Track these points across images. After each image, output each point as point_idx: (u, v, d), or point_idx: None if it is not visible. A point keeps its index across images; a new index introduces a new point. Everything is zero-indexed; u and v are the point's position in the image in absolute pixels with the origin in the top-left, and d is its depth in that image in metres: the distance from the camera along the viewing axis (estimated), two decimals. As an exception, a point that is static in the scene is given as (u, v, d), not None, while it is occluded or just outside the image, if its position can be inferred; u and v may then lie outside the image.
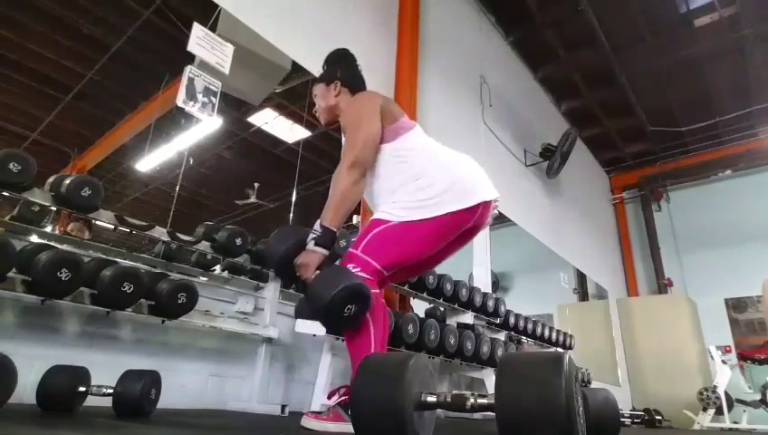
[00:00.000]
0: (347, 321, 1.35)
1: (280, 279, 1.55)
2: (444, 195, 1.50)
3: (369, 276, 1.43)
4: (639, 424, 5.44)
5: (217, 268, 2.83)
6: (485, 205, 1.58)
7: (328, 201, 1.49)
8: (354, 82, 1.80)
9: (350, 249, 1.49)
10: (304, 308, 2.30)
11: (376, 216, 1.54)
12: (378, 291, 1.47)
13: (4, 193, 1.79)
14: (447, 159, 1.64)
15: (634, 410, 5.94)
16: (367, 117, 1.59)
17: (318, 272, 1.39)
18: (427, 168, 1.57)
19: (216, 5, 2.76)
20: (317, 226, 1.47)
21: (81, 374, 1.53)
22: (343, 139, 1.67)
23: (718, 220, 7.72)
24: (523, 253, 6.49)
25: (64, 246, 2.08)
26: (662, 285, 7.81)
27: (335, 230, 1.46)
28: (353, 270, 1.42)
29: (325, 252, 1.43)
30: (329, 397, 1.56)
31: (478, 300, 3.45)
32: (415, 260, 1.55)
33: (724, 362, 5.47)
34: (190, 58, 2.60)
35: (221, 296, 2.51)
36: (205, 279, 2.65)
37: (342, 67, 1.82)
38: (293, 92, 4.10)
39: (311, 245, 1.44)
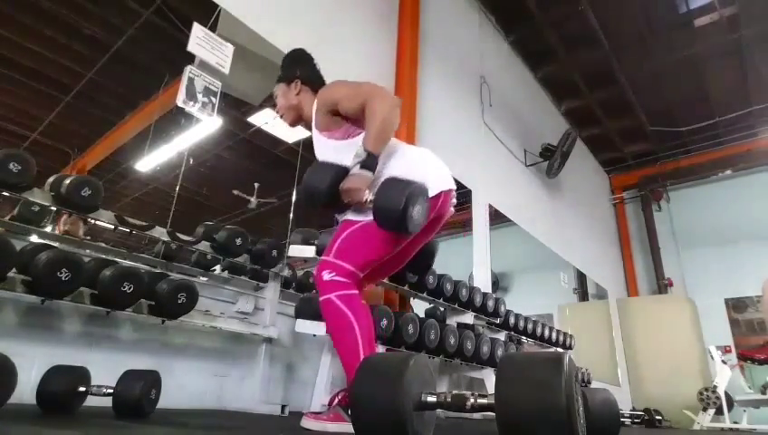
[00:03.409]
0: (416, 223, 1.42)
1: (321, 211, 1.57)
2: None
3: (344, 279, 1.46)
4: (639, 424, 5.44)
5: (217, 268, 2.83)
6: (446, 194, 1.63)
7: (369, 129, 1.52)
8: (314, 80, 1.83)
9: (323, 256, 1.53)
10: (305, 308, 2.30)
11: (344, 217, 1.59)
12: (356, 292, 1.49)
13: (4, 193, 1.79)
14: (409, 154, 1.68)
15: (634, 410, 5.94)
16: (365, 83, 1.62)
17: (368, 192, 1.45)
18: (387, 165, 1.60)
19: (216, 5, 2.77)
20: (360, 151, 1.51)
21: (81, 374, 1.53)
22: (318, 134, 1.70)
23: (718, 220, 7.72)
24: (523, 253, 6.48)
25: (64, 246, 2.08)
26: (662, 285, 7.82)
27: (378, 154, 1.50)
28: (328, 275, 1.46)
29: (371, 175, 1.48)
30: (328, 405, 1.57)
31: (478, 300, 3.45)
32: (387, 255, 1.59)
33: (724, 362, 5.47)
34: (190, 58, 2.61)
35: (221, 296, 2.51)
36: (205, 279, 2.65)
37: (301, 66, 1.85)
38: (293, 92, 4.10)
39: (356, 169, 1.48)
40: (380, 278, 2.19)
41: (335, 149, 1.65)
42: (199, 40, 2.61)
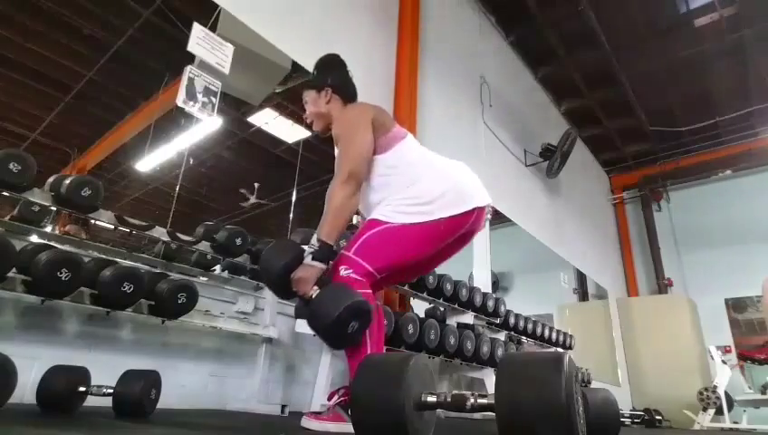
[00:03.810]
0: (350, 338, 1.36)
1: (276, 295, 1.51)
2: (439, 200, 1.50)
3: (360, 278, 1.43)
4: (639, 424, 5.44)
5: (217, 268, 2.83)
6: (479, 210, 1.59)
7: (324, 216, 1.48)
8: (346, 90, 1.78)
9: (343, 251, 1.49)
10: (305, 309, 2.31)
11: (371, 216, 1.55)
12: (370, 291, 1.47)
13: (4, 193, 1.79)
14: (441, 165, 1.64)
15: (634, 410, 5.94)
16: (359, 129, 1.58)
17: (317, 289, 1.38)
18: (421, 175, 1.57)
19: (216, 5, 2.76)
20: (314, 240, 1.46)
21: (81, 374, 1.53)
22: (336, 149, 1.66)
23: (718, 220, 7.72)
24: (523, 253, 6.49)
25: (64, 247, 2.08)
26: (662, 285, 7.81)
27: (332, 244, 1.45)
28: (345, 271, 1.42)
29: (323, 266, 1.42)
30: (329, 398, 1.56)
31: (478, 300, 3.45)
32: (407, 264, 1.55)
33: (724, 362, 5.47)
34: (190, 58, 2.60)
35: (221, 296, 2.51)
36: (205, 279, 2.65)
37: (333, 74, 1.80)
38: (293, 92, 4.10)
39: (308, 259, 1.42)
40: (396, 283, 2.17)
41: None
42: (199, 40, 2.61)
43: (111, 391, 1.52)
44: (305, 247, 1.48)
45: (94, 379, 1.56)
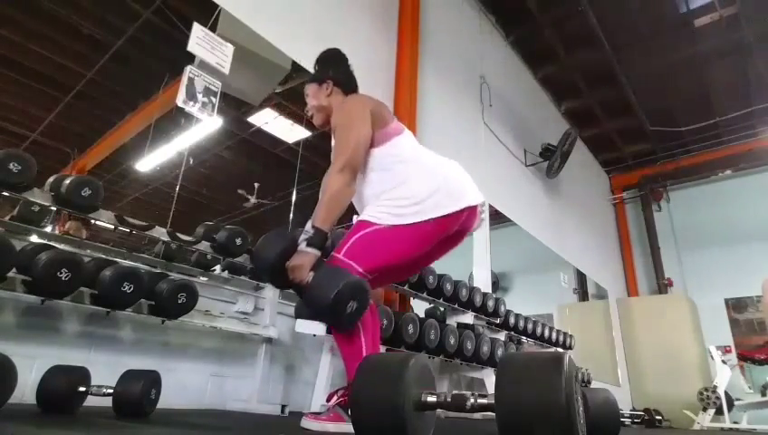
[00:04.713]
0: (349, 318, 1.35)
1: (272, 284, 1.50)
2: (429, 200, 1.50)
3: None
4: (639, 424, 5.44)
5: (217, 268, 2.83)
6: (471, 210, 1.58)
7: (319, 202, 1.48)
8: (347, 83, 1.79)
9: (333, 253, 1.49)
10: (304, 309, 2.30)
11: (361, 217, 1.54)
12: None
13: (4, 193, 1.79)
14: (434, 164, 1.64)
15: (634, 410, 5.95)
16: (357, 119, 1.58)
17: (313, 273, 1.38)
18: (411, 174, 1.56)
19: (216, 5, 2.77)
20: (308, 226, 1.47)
21: (81, 374, 1.53)
22: (333, 140, 1.67)
23: (718, 220, 7.72)
24: (523, 253, 6.48)
25: (64, 247, 2.08)
26: (662, 285, 7.81)
27: (326, 231, 1.45)
28: None
29: (317, 252, 1.42)
30: (327, 400, 1.56)
31: (478, 300, 3.45)
32: (398, 264, 1.55)
33: (724, 362, 5.47)
34: (190, 58, 2.60)
35: (221, 296, 2.51)
36: (205, 279, 2.64)
37: (335, 67, 1.81)
38: (293, 92, 4.09)
39: (302, 246, 1.42)
40: (387, 283, 2.18)
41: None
42: (199, 40, 2.61)
43: (111, 391, 1.52)
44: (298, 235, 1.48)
45: (94, 379, 1.56)
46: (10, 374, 1.19)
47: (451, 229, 1.57)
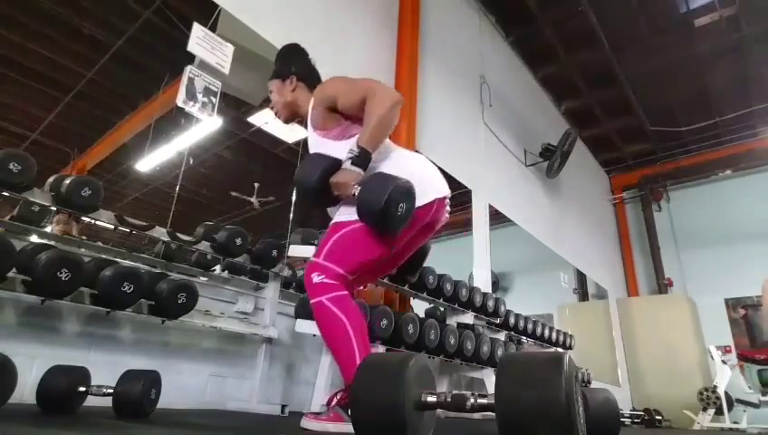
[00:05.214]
0: (399, 219, 1.40)
1: (312, 202, 1.47)
2: None
3: (333, 281, 1.45)
4: (639, 424, 5.44)
5: (217, 268, 2.83)
6: (440, 201, 1.61)
7: (365, 125, 1.50)
8: (309, 76, 1.80)
9: (312, 258, 1.51)
10: (304, 309, 2.30)
11: (334, 220, 1.57)
12: (346, 292, 1.48)
13: (4, 193, 1.79)
14: (402, 157, 1.65)
15: (634, 410, 5.95)
16: (370, 81, 1.61)
17: (358, 188, 1.43)
18: (379, 168, 1.56)
19: (216, 5, 2.77)
20: (353, 147, 1.49)
21: (81, 374, 1.53)
22: (314, 132, 1.67)
23: (718, 220, 7.72)
24: (523, 253, 6.48)
25: (65, 247, 2.08)
26: (662, 285, 7.81)
27: (371, 151, 1.49)
28: (317, 278, 1.44)
29: (362, 172, 1.46)
30: (326, 403, 1.57)
31: (478, 300, 3.45)
32: (376, 260, 1.56)
33: (724, 362, 5.47)
34: (190, 58, 2.60)
35: (221, 296, 2.51)
36: (205, 279, 2.65)
37: (296, 62, 1.82)
38: (293, 92, 4.10)
39: (347, 164, 1.47)
40: (371, 280, 2.18)
41: (330, 149, 1.60)
42: (199, 40, 2.61)
43: (111, 391, 1.52)
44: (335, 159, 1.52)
45: (94, 379, 1.56)
46: (10, 374, 1.19)
47: (422, 222, 1.58)
